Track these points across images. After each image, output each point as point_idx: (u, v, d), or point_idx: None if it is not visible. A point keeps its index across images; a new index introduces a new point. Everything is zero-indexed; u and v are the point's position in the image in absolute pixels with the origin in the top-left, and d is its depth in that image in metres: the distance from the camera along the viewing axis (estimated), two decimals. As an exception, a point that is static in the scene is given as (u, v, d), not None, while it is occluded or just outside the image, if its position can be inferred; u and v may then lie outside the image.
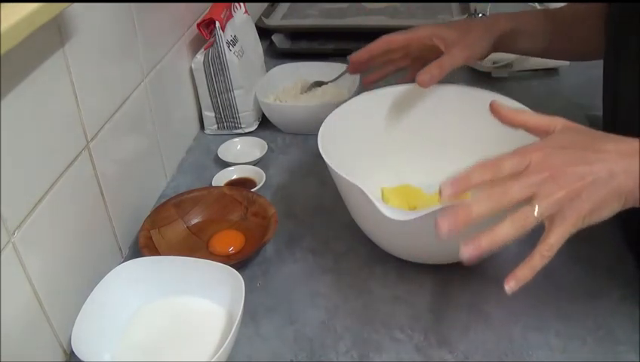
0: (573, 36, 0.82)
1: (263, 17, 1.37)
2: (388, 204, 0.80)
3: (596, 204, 0.49)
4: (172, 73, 0.94)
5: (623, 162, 0.49)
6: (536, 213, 0.49)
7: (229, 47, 0.96)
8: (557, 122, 0.55)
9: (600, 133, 0.54)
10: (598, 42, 0.75)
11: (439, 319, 0.67)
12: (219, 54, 0.96)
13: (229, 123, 1.03)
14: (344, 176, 0.65)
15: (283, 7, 1.48)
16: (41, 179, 0.59)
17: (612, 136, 0.53)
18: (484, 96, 0.79)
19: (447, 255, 0.71)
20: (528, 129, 0.57)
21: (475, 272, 0.71)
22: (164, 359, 0.62)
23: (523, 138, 0.74)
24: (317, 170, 0.93)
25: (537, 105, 0.75)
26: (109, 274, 0.66)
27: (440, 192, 0.51)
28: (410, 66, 0.86)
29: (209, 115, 1.02)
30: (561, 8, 0.86)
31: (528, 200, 0.49)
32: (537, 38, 0.82)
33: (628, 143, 0.51)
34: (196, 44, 1.01)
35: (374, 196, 0.64)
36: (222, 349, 0.57)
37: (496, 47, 0.81)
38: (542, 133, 0.55)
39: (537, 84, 1.14)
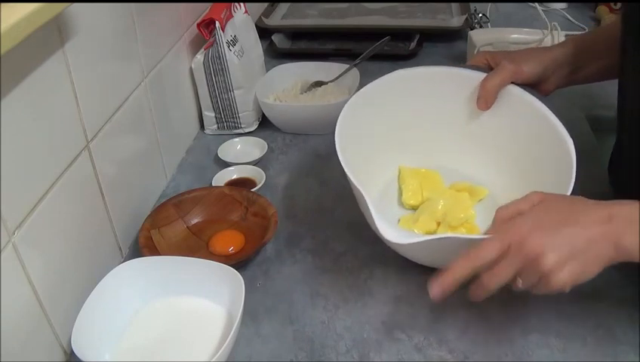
0: None
1: (263, 17, 1.37)
2: (403, 185, 0.82)
3: (576, 274, 0.53)
4: (172, 73, 0.94)
5: (600, 228, 0.53)
6: (520, 285, 0.54)
7: (229, 47, 0.96)
8: (535, 198, 0.58)
9: (576, 201, 0.57)
10: None
11: (439, 319, 0.67)
12: (219, 54, 0.96)
13: (229, 123, 1.03)
14: (353, 178, 0.65)
15: (283, 7, 1.48)
16: (41, 179, 0.59)
17: (588, 203, 0.56)
18: (513, 91, 0.77)
19: (447, 262, 0.72)
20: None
21: (475, 272, 0.71)
22: (164, 359, 0.62)
23: (533, 128, 0.74)
24: (317, 170, 0.93)
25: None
26: (108, 274, 0.66)
27: (430, 292, 0.56)
28: None
29: (209, 115, 1.02)
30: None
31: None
32: (605, 56, 0.78)
33: (603, 209, 0.54)
34: (196, 44, 1.01)
35: (391, 173, 0.67)
36: (222, 349, 0.57)
37: (561, 77, 0.79)
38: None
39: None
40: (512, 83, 0.77)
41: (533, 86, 0.78)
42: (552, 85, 0.80)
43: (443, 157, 0.84)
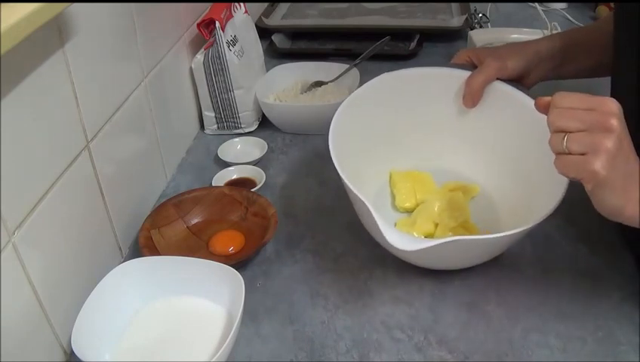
0: None
1: (263, 17, 1.37)
2: (395, 189, 0.81)
3: (611, 177, 0.52)
4: (172, 73, 0.94)
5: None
6: (564, 145, 0.53)
7: (229, 47, 0.96)
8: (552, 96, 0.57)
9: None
10: None
11: (439, 319, 0.67)
12: (219, 54, 0.96)
13: (229, 123, 1.03)
14: (353, 189, 0.64)
15: (283, 7, 1.48)
16: (41, 179, 0.59)
17: None
18: (501, 89, 0.77)
19: (447, 264, 0.72)
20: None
21: (475, 272, 0.71)
22: (164, 359, 0.62)
23: (521, 123, 0.74)
24: (317, 170, 0.93)
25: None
26: (108, 274, 0.66)
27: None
28: None
29: (209, 115, 1.02)
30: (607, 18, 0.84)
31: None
32: (595, 52, 0.78)
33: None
34: (196, 44, 1.01)
35: (382, 177, 0.66)
36: (222, 349, 0.57)
37: (544, 70, 0.78)
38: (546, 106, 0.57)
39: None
40: (498, 79, 0.77)
41: (517, 80, 0.78)
42: (534, 78, 0.79)
43: (433, 157, 0.84)
